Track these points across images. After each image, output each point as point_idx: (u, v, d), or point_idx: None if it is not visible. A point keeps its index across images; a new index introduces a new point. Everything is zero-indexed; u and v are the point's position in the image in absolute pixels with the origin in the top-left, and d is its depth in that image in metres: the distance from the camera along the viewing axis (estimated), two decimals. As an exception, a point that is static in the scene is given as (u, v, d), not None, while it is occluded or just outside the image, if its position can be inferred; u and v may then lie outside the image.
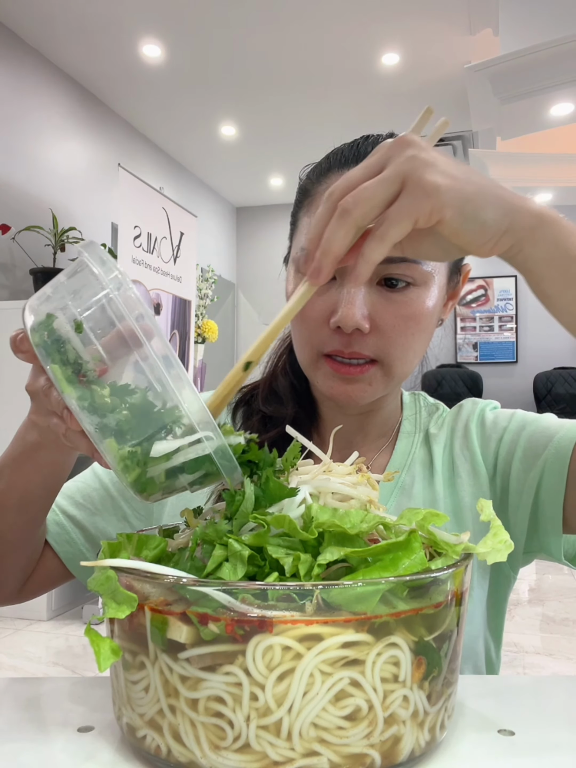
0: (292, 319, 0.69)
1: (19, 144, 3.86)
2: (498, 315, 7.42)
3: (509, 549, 0.44)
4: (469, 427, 0.77)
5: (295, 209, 0.74)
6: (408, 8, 3.57)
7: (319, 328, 0.66)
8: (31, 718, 0.49)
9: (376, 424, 0.78)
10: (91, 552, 0.75)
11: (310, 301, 0.66)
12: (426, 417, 0.81)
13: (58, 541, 0.74)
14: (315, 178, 0.71)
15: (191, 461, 0.41)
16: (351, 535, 0.41)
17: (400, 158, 0.46)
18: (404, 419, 0.80)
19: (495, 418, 0.76)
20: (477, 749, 0.44)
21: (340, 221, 0.47)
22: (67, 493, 0.77)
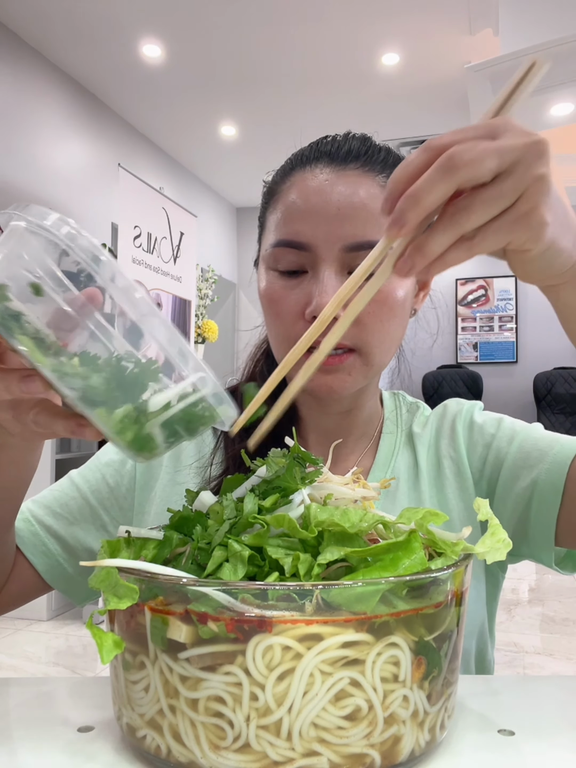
0: (268, 317, 0.70)
1: (19, 144, 3.86)
2: (498, 315, 7.42)
3: (508, 548, 0.44)
4: (456, 428, 0.76)
5: (261, 211, 0.74)
6: (408, 8, 3.57)
7: (294, 321, 0.67)
8: (31, 718, 0.49)
9: (357, 424, 0.77)
10: (69, 563, 0.73)
11: (283, 296, 0.67)
12: (407, 415, 0.81)
13: (34, 553, 0.72)
14: (279, 178, 0.72)
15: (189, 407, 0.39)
16: (350, 535, 0.41)
17: (531, 171, 0.41)
18: (386, 419, 0.80)
19: (483, 423, 0.76)
20: (477, 749, 0.44)
21: (443, 174, 0.40)
22: (44, 503, 0.75)
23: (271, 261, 0.68)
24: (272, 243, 0.68)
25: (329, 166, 0.67)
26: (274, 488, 0.46)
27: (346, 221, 0.64)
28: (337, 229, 0.64)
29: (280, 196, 0.69)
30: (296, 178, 0.69)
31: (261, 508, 0.44)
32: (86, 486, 0.76)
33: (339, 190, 0.66)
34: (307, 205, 0.66)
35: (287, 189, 0.69)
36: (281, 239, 0.67)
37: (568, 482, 0.65)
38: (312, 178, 0.67)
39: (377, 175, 0.68)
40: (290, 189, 0.68)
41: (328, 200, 0.65)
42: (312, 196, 0.66)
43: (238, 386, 0.80)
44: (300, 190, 0.67)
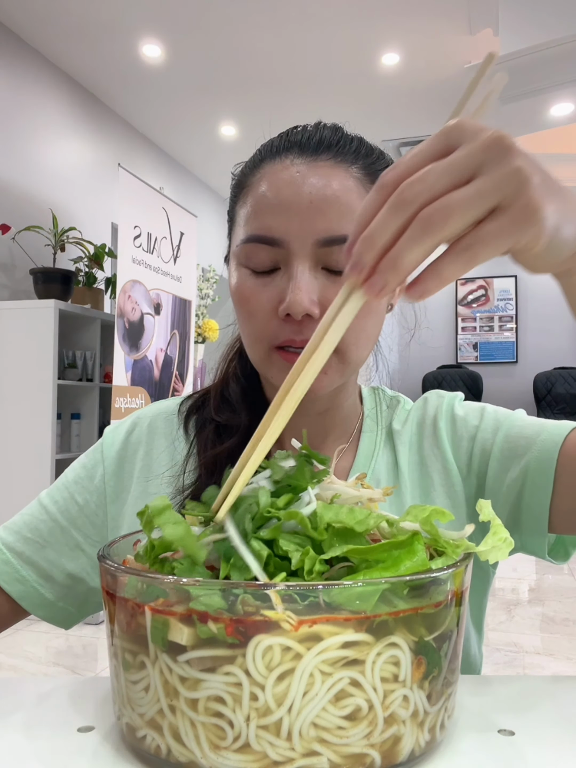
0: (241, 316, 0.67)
1: (19, 144, 3.86)
2: (498, 315, 7.43)
3: (509, 547, 0.44)
4: (438, 424, 0.74)
5: (231, 205, 0.72)
6: (408, 8, 3.58)
7: (267, 320, 0.64)
8: (31, 718, 0.49)
9: (336, 423, 0.76)
10: (45, 588, 0.72)
11: (255, 294, 0.65)
12: (386, 411, 0.79)
13: (8, 581, 0.71)
14: (248, 170, 0.69)
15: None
16: (355, 533, 0.41)
17: (503, 169, 0.38)
18: (365, 416, 0.78)
19: (465, 415, 0.74)
20: (477, 749, 0.44)
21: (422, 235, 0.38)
22: (14, 529, 0.74)
23: (242, 257, 0.66)
24: (242, 238, 0.65)
25: (300, 157, 0.65)
26: (283, 487, 0.46)
27: (318, 215, 0.62)
28: (309, 224, 0.62)
29: (249, 188, 0.67)
30: (266, 169, 0.66)
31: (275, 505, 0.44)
32: (54, 507, 0.74)
33: (311, 182, 0.63)
34: (278, 198, 0.63)
35: (257, 181, 0.66)
36: (252, 234, 0.64)
37: (559, 467, 0.64)
38: (283, 170, 0.64)
39: (350, 166, 0.65)
40: (260, 181, 0.65)
41: (300, 193, 0.62)
42: (283, 189, 0.63)
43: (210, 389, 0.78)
44: (270, 182, 0.64)
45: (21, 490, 3.30)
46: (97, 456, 0.77)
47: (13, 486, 3.34)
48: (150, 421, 0.79)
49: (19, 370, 3.36)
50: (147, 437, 0.78)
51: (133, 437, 0.78)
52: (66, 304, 3.49)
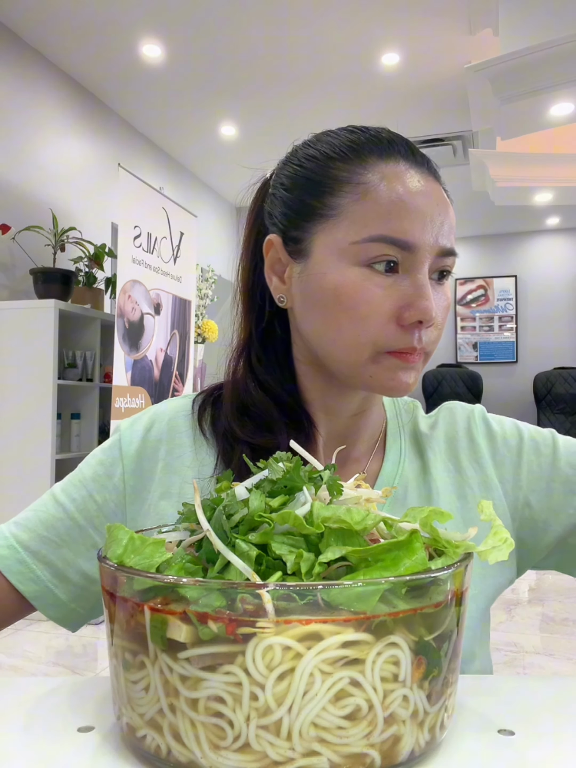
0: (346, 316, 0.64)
1: (19, 144, 3.86)
2: (498, 315, 7.43)
3: (510, 547, 0.44)
4: (476, 440, 0.76)
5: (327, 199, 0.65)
6: (408, 8, 3.57)
7: (383, 324, 0.63)
8: (31, 718, 0.49)
9: (366, 426, 0.76)
10: (59, 588, 0.70)
11: (374, 297, 0.63)
12: (405, 416, 0.79)
13: (22, 581, 0.68)
14: (353, 165, 0.66)
15: None
16: (353, 533, 0.41)
17: None
18: (389, 421, 0.79)
19: (503, 433, 0.76)
20: (477, 749, 0.44)
21: None
22: (28, 526, 0.70)
23: (362, 255, 0.63)
24: (369, 236, 0.63)
25: (408, 161, 0.66)
26: (279, 488, 0.46)
27: (443, 225, 0.64)
28: (437, 234, 0.64)
29: (367, 186, 0.64)
30: (383, 169, 0.65)
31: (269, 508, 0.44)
32: (72, 505, 0.71)
33: (435, 194, 0.65)
34: (414, 204, 0.63)
35: (378, 181, 0.64)
36: (386, 235, 0.62)
37: None
38: (405, 173, 0.65)
39: (437, 179, 0.68)
40: (384, 181, 0.64)
41: (431, 203, 0.64)
42: (417, 196, 0.64)
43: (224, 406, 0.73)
44: (403, 186, 0.64)
45: (21, 490, 3.30)
46: (116, 453, 0.74)
47: (13, 486, 3.34)
48: (170, 418, 0.75)
49: (19, 370, 3.36)
50: (168, 435, 0.74)
51: (152, 434, 0.74)
52: (66, 304, 3.49)
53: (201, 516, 0.44)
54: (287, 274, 0.70)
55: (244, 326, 0.75)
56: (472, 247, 7.40)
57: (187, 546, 0.45)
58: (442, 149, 5.10)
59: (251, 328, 0.75)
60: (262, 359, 0.73)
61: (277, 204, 0.71)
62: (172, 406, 0.77)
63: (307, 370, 0.73)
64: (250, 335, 0.75)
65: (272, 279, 0.71)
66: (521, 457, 0.74)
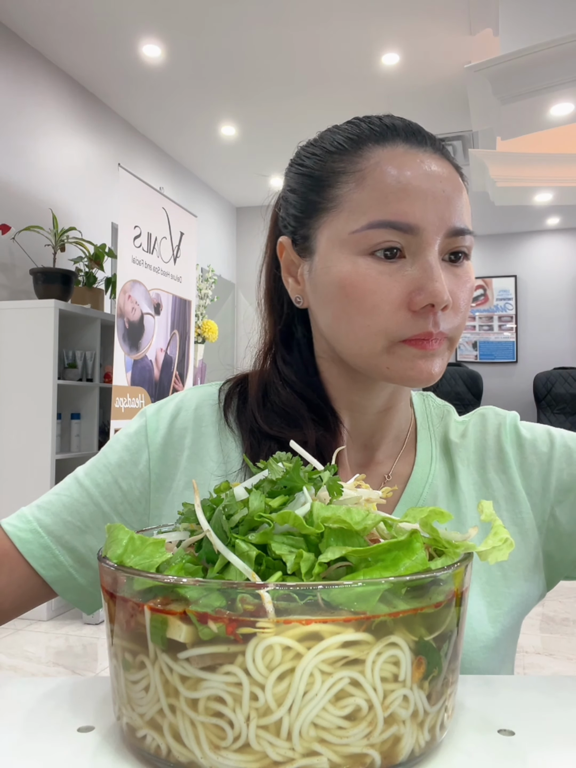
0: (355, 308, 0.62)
1: (19, 144, 3.86)
2: (497, 315, 7.43)
3: (510, 548, 0.44)
4: (504, 448, 0.73)
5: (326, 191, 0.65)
6: (408, 8, 3.57)
7: (394, 312, 0.61)
8: (31, 718, 0.49)
9: (392, 424, 0.74)
10: (80, 573, 0.69)
11: (381, 285, 0.61)
12: (437, 421, 0.77)
13: (45, 566, 0.67)
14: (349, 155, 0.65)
15: None
16: (353, 533, 0.41)
17: None
18: (418, 423, 0.77)
19: (533, 440, 0.73)
20: (477, 749, 0.44)
21: None
22: (52, 510, 0.69)
23: (364, 244, 0.62)
24: (368, 223, 0.61)
25: (408, 143, 0.64)
26: (279, 488, 0.46)
27: (450, 204, 0.62)
28: (443, 212, 0.61)
29: (363, 173, 0.63)
30: (379, 154, 0.63)
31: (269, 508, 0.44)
32: (97, 491, 0.70)
33: (438, 172, 0.62)
34: (412, 185, 0.61)
35: (373, 166, 0.63)
36: (384, 219, 0.61)
37: None
38: (403, 155, 0.63)
39: (446, 157, 0.66)
40: (379, 166, 0.63)
41: (433, 181, 0.62)
42: (416, 176, 0.61)
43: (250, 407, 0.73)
44: (399, 168, 0.62)
45: (21, 490, 3.30)
46: (141, 440, 0.72)
47: (13, 486, 3.34)
48: (196, 406, 0.74)
49: (19, 370, 3.36)
50: (194, 423, 0.73)
51: (178, 422, 0.73)
52: (66, 304, 3.49)
53: (201, 516, 0.44)
54: (300, 273, 0.70)
55: (268, 329, 0.76)
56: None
57: (187, 546, 0.45)
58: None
59: (275, 329, 0.75)
60: (287, 358, 0.73)
61: (285, 206, 0.71)
62: (199, 393, 0.76)
63: (330, 366, 0.72)
64: (274, 336, 0.75)
65: (288, 281, 0.71)
66: (551, 466, 0.71)
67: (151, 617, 0.39)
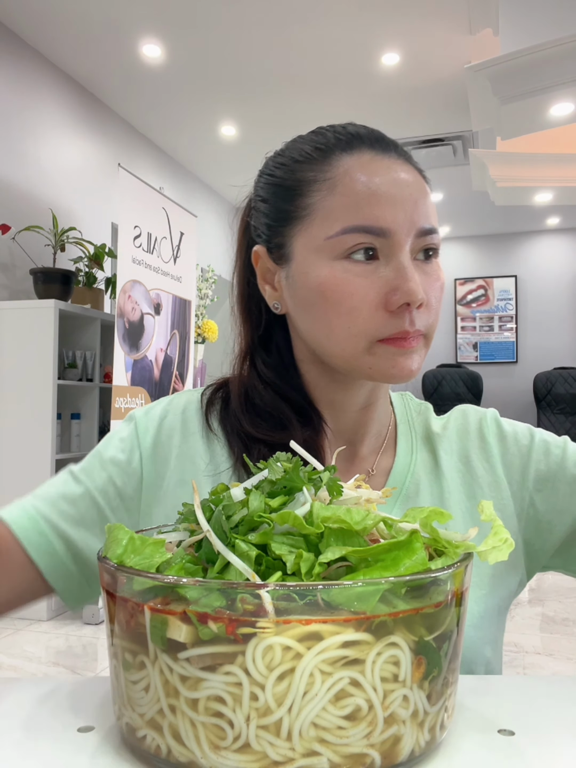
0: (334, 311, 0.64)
1: (19, 144, 3.86)
2: (498, 315, 7.43)
3: (510, 548, 0.44)
4: (487, 439, 0.76)
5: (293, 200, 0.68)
6: (408, 8, 3.57)
7: (371, 313, 0.64)
8: (31, 718, 0.49)
9: (373, 420, 0.76)
10: (73, 562, 0.69)
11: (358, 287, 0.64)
12: (417, 416, 0.80)
13: (40, 553, 0.67)
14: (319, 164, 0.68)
15: None
16: (353, 533, 0.41)
17: None
18: (398, 419, 0.80)
19: (515, 433, 0.77)
20: (477, 749, 0.44)
21: None
22: (50, 499, 0.70)
23: (339, 248, 0.64)
24: (342, 229, 0.64)
25: (372, 150, 0.67)
26: (279, 489, 0.46)
27: (417, 206, 0.65)
28: (412, 214, 0.65)
29: (334, 180, 0.66)
30: (348, 161, 0.66)
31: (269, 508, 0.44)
32: (92, 485, 0.71)
33: (403, 177, 0.66)
34: (382, 189, 0.64)
35: (343, 173, 0.66)
36: (357, 224, 0.64)
37: None
38: (371, 162, 0.66)
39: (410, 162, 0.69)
40: (349, 173, 0.66)
41: (400, 185, 0.65)
42: (384, 181, 0.65)
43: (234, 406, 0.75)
44: (368, 174, 0.65)
45: (21, 490, 3.29)
46: (134, 441, 0.74)
47: (13, 486, 3.34)
48: (183, 409, 0.76)
49: (19, 370, 3.36)
50: (181, 425, 0.75)
51: (167, 423, 0.75)
52: (66, 304, 3.49)
53: (200, 516, 0.44)
54: (277, 280, 0.72)
55: (244, 335, 0.78)
56: (472, 247, 7.40)
57: (187, 546, 0.45)
58: (442, 149, 5.09)
59: (252, 335, 0.77)
60: (267, 362, 0.75)
61: (257, 216, 0.74)
62: (185, 397, 0.78)
63: (310, 368, 0.74)
64: (251, 342, 0.77)
65: (265, 288, 0.74)
66: (530, 457, 0.74)
67: (151, 617, 0.39)
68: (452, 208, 6.53)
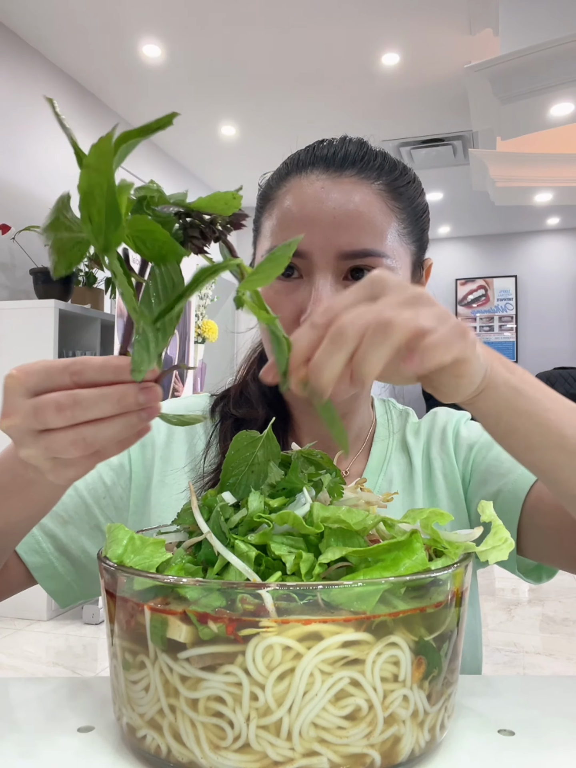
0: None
1: (19, 144, 3.86)
2: (498, 315, 7.42)
3: (510, 548, 0.44)
4: (447, 433, 0.79)
5: (257, 215, 0.75)
6: (408, 8, 3.57)
7: (288, 327, 0.66)
8: (31, 718, 0.49)
9: (351, 428, 0.79)
10: (60, 562, 0.71)
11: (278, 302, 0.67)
12: (398, 422, 0.83)
13: (27, 551, 0.70)
14: (274, 183, 0.72)
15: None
16: (353, 533, 0.41)
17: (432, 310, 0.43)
18: (378, 425, 0.82)
19: (469, 432, 0.79)
20: (477, 749, 0.44)
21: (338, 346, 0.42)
22: None
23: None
24: (267, 249, 0.69)
25: (325, 173, 0.68)
26: (279, 490, 0.47)
27: (341, 229, 0.65)
28: (332, 237, 0.65)
29: (275, 201, 0.70)
30: (292, 183, 0.69)
31: (268, 508, 0.44)
32: (81, 484, 0.73)
33: (334, 198, 0.66)
34: (302, 212, 0.66)
35: (283, 195, 0.69)
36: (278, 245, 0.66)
37: (530, 496, 0.68)
38: (308, 185, 0.68)
39: (373, 182, 0.68)
40: (286, 195, 0.69)
41: (324, 208, 0.66)
42: (308, 204, 0.67)
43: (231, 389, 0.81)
44: (296, 196, 0.68)
45: (21, 490, 3.29)
46: None
47: (13, 486, 3.33)
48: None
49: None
50: (166, 426, 0.78)
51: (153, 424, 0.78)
52: (66, 304, 3.49)
53: (199, 519, 0.44)
54: None
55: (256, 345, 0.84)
56: (472, 247, 7.40)
57: (187, 547, 0.45)
58: (442, 149, 5.09)
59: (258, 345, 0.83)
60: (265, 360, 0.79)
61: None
62: (174, 403, 0.83)
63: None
64: (254, 350, 0.84)
65: None
66: (472, 450, 0.77)
67: (151, 617, 0.39)
68: (452, 208, 6.53)
